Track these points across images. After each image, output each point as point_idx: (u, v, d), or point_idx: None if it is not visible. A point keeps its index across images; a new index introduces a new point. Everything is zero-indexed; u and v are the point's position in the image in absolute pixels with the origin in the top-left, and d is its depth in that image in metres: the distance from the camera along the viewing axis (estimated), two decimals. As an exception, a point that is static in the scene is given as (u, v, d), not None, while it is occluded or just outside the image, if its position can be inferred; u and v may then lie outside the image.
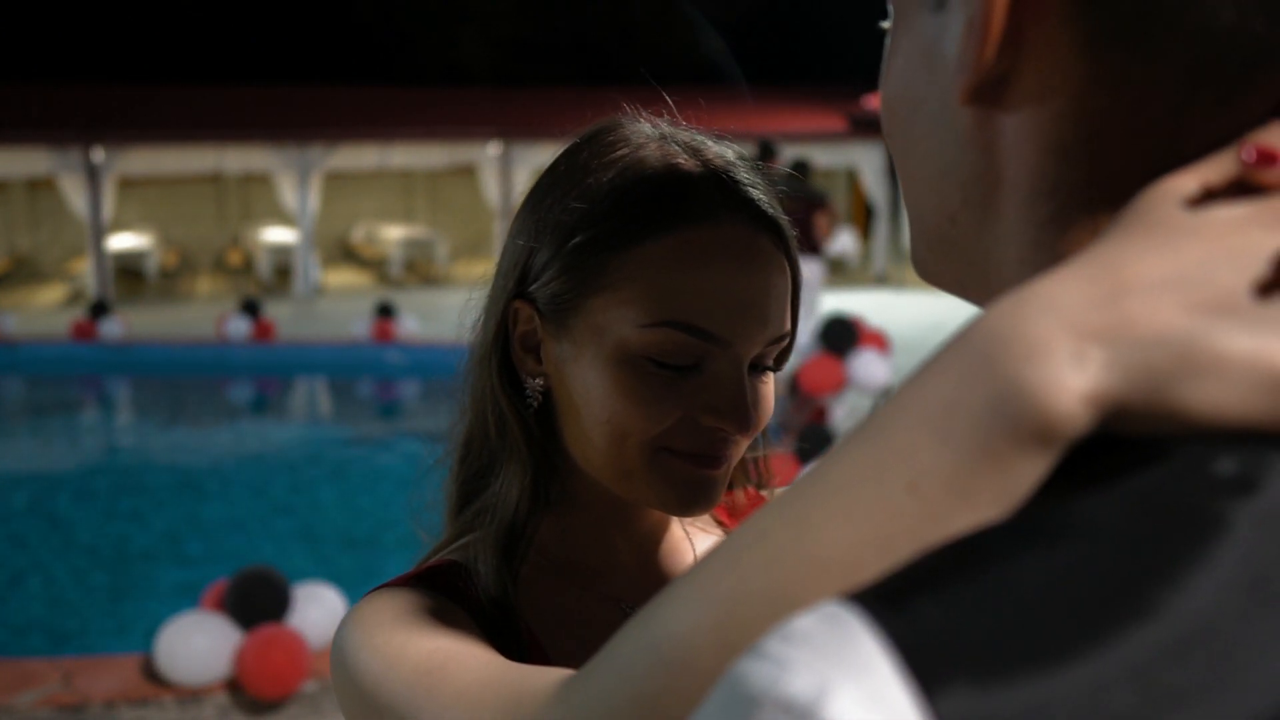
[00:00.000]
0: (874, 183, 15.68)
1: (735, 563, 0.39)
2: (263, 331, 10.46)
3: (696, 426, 0.72)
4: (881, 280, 15.57)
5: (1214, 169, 0.37)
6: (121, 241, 15.04)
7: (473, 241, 18.63)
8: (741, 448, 0.75)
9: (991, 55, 0.39)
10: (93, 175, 13.38)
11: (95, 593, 5.39)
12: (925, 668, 0.29)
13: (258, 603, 3.87)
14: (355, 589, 4.63)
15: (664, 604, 0.44)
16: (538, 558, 0.79)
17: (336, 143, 14.37)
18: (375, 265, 16.89)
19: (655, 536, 0.83)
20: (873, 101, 15.76)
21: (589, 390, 0.73)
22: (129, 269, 14.74)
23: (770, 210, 0.75)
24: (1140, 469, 0.33)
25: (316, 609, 3.99)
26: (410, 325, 10.53)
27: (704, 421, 0.72)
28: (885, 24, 0.49)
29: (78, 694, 3.70)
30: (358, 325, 10.51)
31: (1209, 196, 0.37)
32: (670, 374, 0.71)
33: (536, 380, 0.77)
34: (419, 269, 16.42)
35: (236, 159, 14.43)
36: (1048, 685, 0.29)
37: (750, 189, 0.74)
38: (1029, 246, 0.41)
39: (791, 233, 0.77)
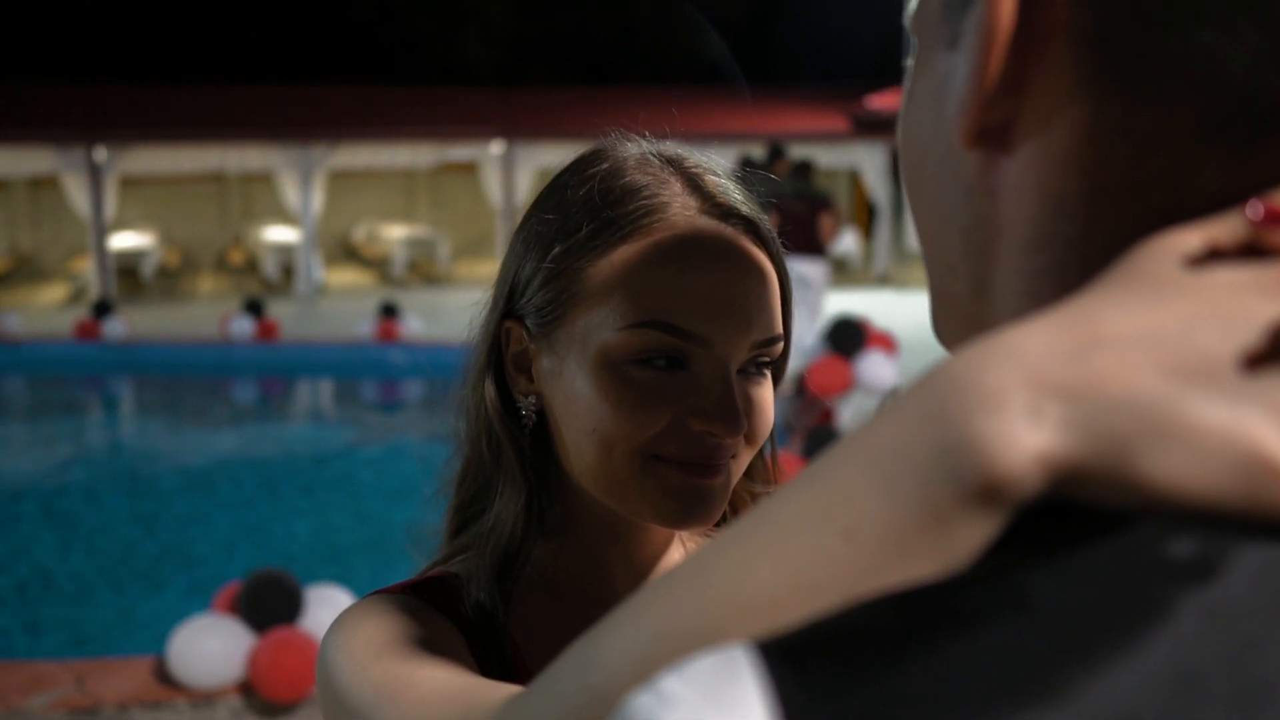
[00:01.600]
0: (876, 183, 15.67)
1: (669, 595, 0.39)
2: (266, 331, 10.46)
3: (686, 432, 0.71)
4: (884, 280, 15.58)
5: (1221, 228, 0.34)
6: (123, 240, 15.03)
7: (475, 241, 18.63)
8: (743, 458, 0.74)
9: (990, 97, 0.37)
10: (95, 174, 13.37)
11: (105, 594, 5.39)
12: None
13: (270, 605, 3.87)
14: (364, 591, 4.63)
15: (600, 632, 0.43)
16: (533, 576, 0.79)
17: (338, 142, 14.36)
18: (377, 265, 16.89)
19: (654, 562, 0.81)
20: (875, 102, 15.76)
21: (575, 401, 0.72)
22: (130, 268, 14.73)
23: (749, 212, 0.75)
24: (1089, 543, 0.30)
25: (329, 612, 3.98)
26: (414, 325, 10.53)
27: (692, 425, 0.70)
28: (908, 62, 0.47)
29: (90, 696, 3.70)
30: (362, 325, 10.51)
31: (1211, 256, 0.34)
32: (653, 377, 0.70)
33: (529, 399, 0.76)
34: (421, 268, 16.41)
35: (239, 158, 14.43)
36: None
37: (728, 192, 0.75)
38: (1021, 297, 0.39)
39: (773, 234, 0.76)
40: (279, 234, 15.82)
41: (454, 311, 13.63)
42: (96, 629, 5.00)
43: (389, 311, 10.49)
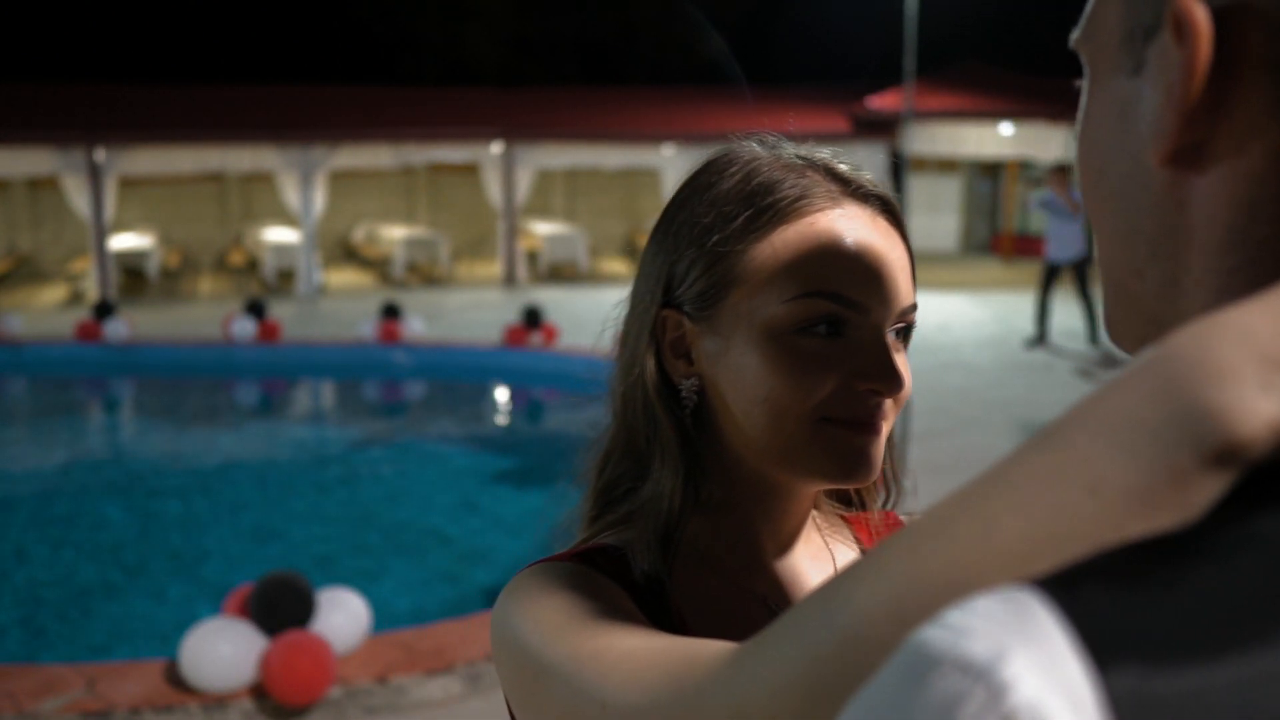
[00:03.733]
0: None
1: (914, 548, 0.43)
2: (268, 332, 10.44)
3: (850, 393, 0.77)
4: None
5: None
6: (123, 241, 15.00)
7: (475, 241, 18.61)
8: (891, 418, 0.80)
9: (1190, 123, 0.42)
10: (95, 175, 13.35)
11: (114, 597, 5.37)
12: (1098, 646, 0.31)
13: (282, 608, 3.86)
14: (373, 594, 4.62)
15: (843, 582, 0.47)
16: (688, 550, 0.82)
17: (339, 142, 14.34)
18: (377, 265, 16.87)
19: (798, 540, 0.87)
20: (875, 102, 15.76)
21: (743, 374, 0.77)
22: (131, 269, 14.70)
23: (882, 192, 0.82)
24: None
25: (341, 614, 3.98)
26: (416, 326, 10.52)
27: (857, 386, 0.77)
28: (1078, 82, 0.53)
29: (102, 700, 3.69)
30: (364, 326, 10.50)
31: None
32: (818, 344, 0.76)
33: (690, 382, 0.81)
34: (421, 269, 16.40)
35: (239, 158, 14.41)
36: (1210, 675, 0.31)
37: (860, 176, 0.82)
38: (1216, 294, 0.43)
39: (902, 213, 0.84)
40: (279, 235, 15.80)
41: (454, 312, 13.65)
42: (106, 632, 4.98)
43: (391, 312, 10.48)
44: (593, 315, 11.34)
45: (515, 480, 7.27)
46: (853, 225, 0.78)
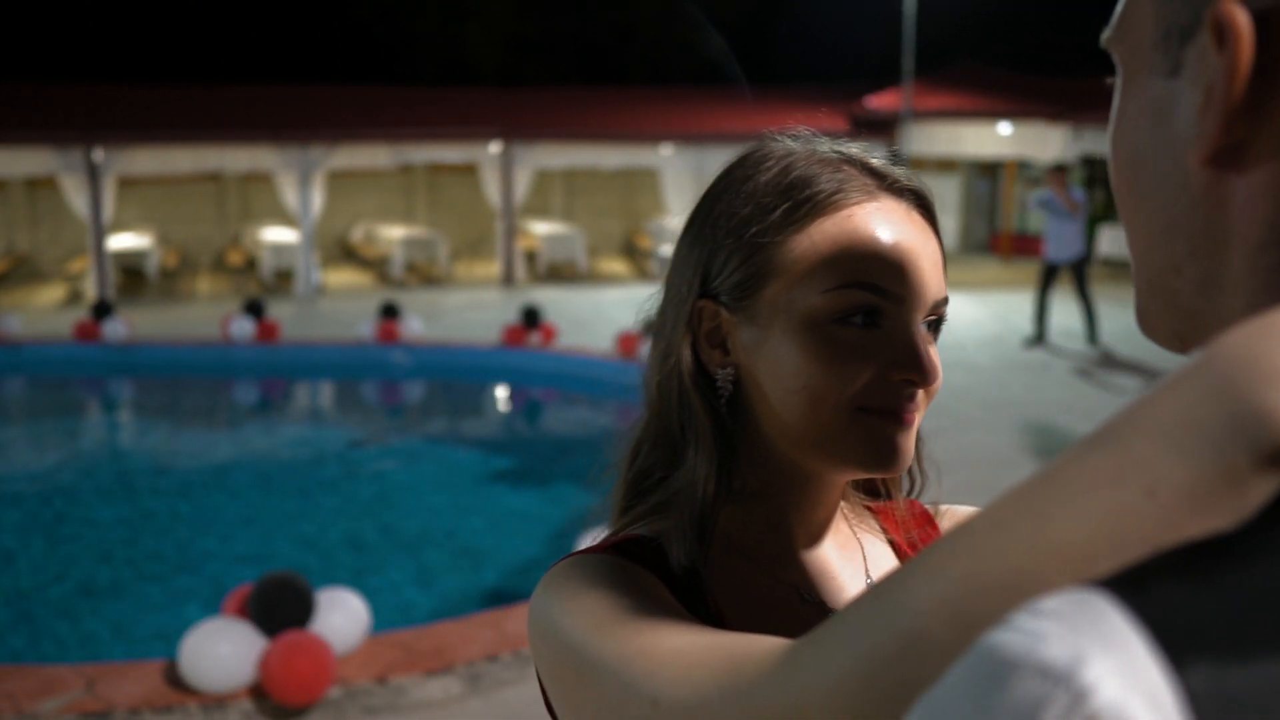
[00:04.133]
0: (875, 183, 15.68)
1: (971, 548, 0.44)
2: (267, 332, 10.44)
3: (886, 383, 0.78)
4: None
5: None
6: (122, 241, 14.99)
7: (473, 241, 18.61)
8: (922, 410, 0.81)
9: (1231, 125, 0.43)
10: (93, 175, 13.34)
11: (113, 597, 5.37)
12: (1173, 646, 0.32)
13: (282, 609, 3.86)
14: (373, 594, 4.62)
15: (898, 581, 0.48)
16: (720, 540, 0.83)
17: (337, 142, 14.34)
18: (376, 265, 16.86)
19: (828, 530, 0.89)
20: (874, 101, 15.77)
21: (781, 363, 0.79)
22: (129, 269, 14.69)
23: (916, 186, 0.84)
24: None
25: (340, 615, 3.98)
26: (415, 326, 10.52)
27: (892, 377, 0.78)
28: (1110, 80, 0.54)
29: (102, 701, 3.69)
30: (363, 326, 10.49)
31: None
32: (856, 334, 0.77)
33: (726, 371, 0.82)
34: (420, 269, 16.39)
35: (237, 158, 14.40)
36: None
37: (894, 171, 0.84)
38: (1258, 292, 0.44)
39: (934, 207, 0.85)
40: (277, 234, 15.79)
41: (453, 312, 13.65)
42: (105, 633, 4.98)
43: (390, 312, 10.48)
44: (591, 315, 11.39)
45: (514, 480, 7.27)
46: (889, 219, 0.80)
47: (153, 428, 8.99)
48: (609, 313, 12.76)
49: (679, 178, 15.83)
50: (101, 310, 10.63)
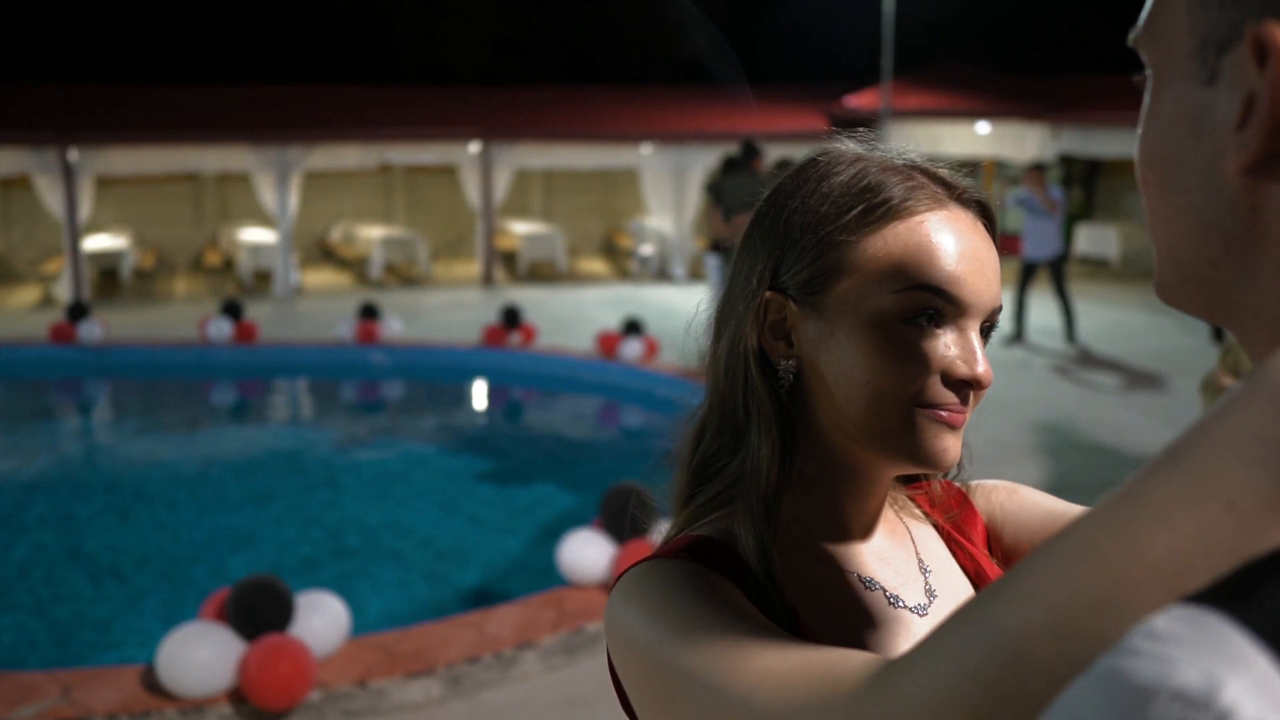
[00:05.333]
0: (855, 182, 15.72)
1: (1063, 570, 0.46)
2: (245, 333, 10.36)
3: (945, 383, 0.82)
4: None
5: None
6: (97, 242, 14.85)
7: (453, 241, 18.54)
8: (971, 409, 0.85)
9: (1272, 138, 0.46)
10: (68, 175, 13.22)
11: (90, 602, 5.32)
12: None
13: (261, 612, 3.83)
14: (352, 598, 4.59)
15: (991, 602, 0.50)
16: (784, 536, 0.86)
17: (315, 142, 14.26)
18: (354, 265, 16.77)
19: (880, 517, 0.92)
20: (853, 101, 15.81)
21: (846, 358, 0.82)
22: (105, 270, 14.55)
23: (981, 197, 0.88)
24: None
25: (320, 618, 3.96)
26: (394, 326, 10.47)
27: (952, 377, 0.82)
28: (1139, 78, 0.57)
29: (78, 707, 3.65)
30: (342, 326, 10.44)
31: None
32: (920, 334, 0.81)
33: (789, 362, 0.86)
34: (399, 269, 16.32)
35: (214, 158, 14.29)
36: None
37: (961, 182, 0.87)
38: None
39: (996, 218, 0.89)
40: (255, 235, 15.68)
41: (433, 312, 13.59)
42: (82, 638, 4.93)
43: (369, 312, 10.43)
44: (572, 315, 11.35)
45: (495, 480, 7.24)
46: (958, 227, 0.84)
47: (130, 430, 8.91)
48: (589, 312, 12.74)
49: (659, 177, 15.82)
50: (77, 312, 10.54)
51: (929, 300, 0.81)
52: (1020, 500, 0.99)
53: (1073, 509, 0.95)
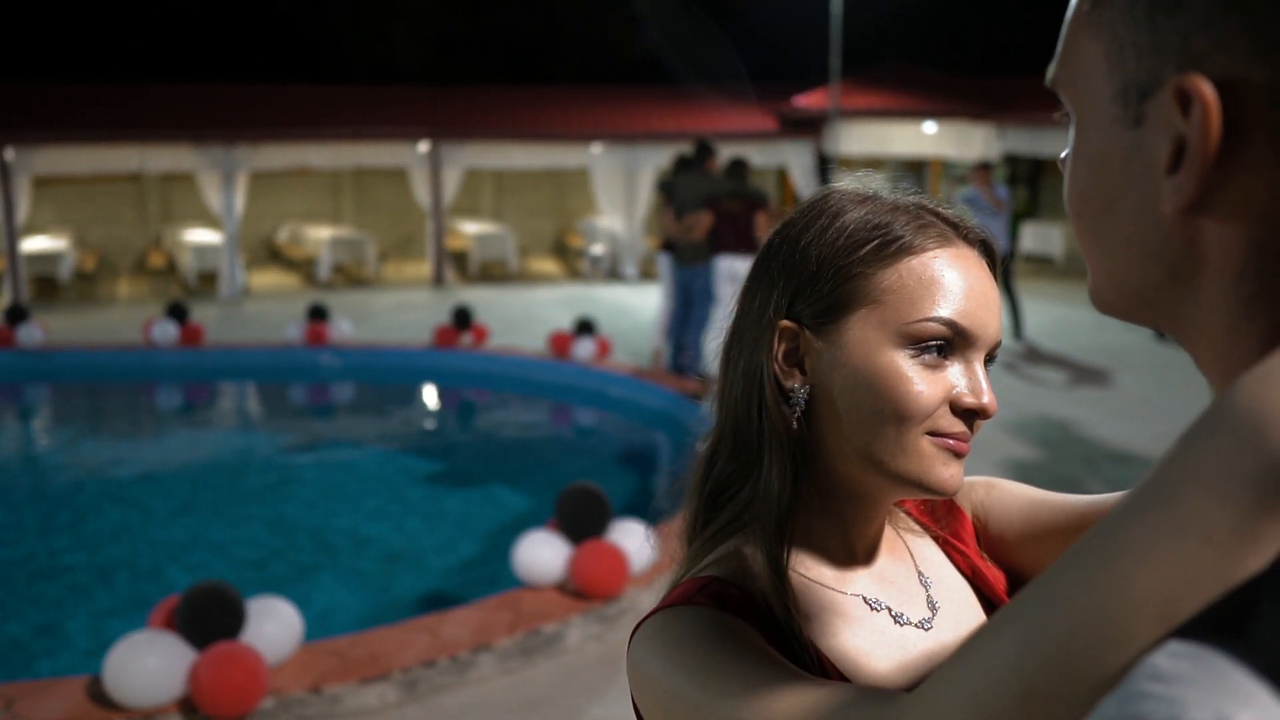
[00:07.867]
0: (802, 180, 15.86)
1: (1063, 610, 0.50)
2: (191, 336, 10.20)
3: (954, 411, 0.86)
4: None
5: None
6: (36, 244, 14.52)
7: (402, 241, 18.39)
8: (973, 436, 0.89)
9: (1203, 181, 0.48)
10: (5, 175, 12.91)
11: (33, 612, 5.19)
12: None
13: (211, 619, 3.77)
14: (303, 604, 4.53)
15: (994, 641, 0.54)
16: (794, 567, 0.89)
17: (261, 142, 14.06)
18: (302, 266, 16.57)
19: (878, 539, 0.96)
20: (802, 101, 15.92)
21: (860, 384, 0.86)
22: (45, 273, 14.24)
23: (983, 236, 0.93)
24: None
25: (271, 624, 3.90)
26: (344, 328, 10.36)
27: (960, 405, 0.86)
28: (1059, 115, 0.60)
29: (22, 720, 3.57)
30: (290, 328, 10.30)
31: None
32: (931, 364, 0.85)
33: (802, 389, 0.89)
34: (348, 270, 16.15)
35: (157, 158, 14.03)
36: None
37: (965, 222, 0.92)
38: (1238, 318, 0.50)
39: (999, 256, 0.94)
40: (200, 236, 15.43)
41: (383, 313, 13.47)
42: (24, 649, 4.81)
43: (318, 314, 10.30)
44: (523, 315, 11.31)
45: (448, 482, 7.19)
46: (965, 265, 0.88)
47: (72, 435, 8.72)
48: (541, 312, 12.70)
49: (609, 176, 15.81)
50: (15, 315, 10.30)
51: (939, 332, 0.85)
52: (1000, 494, 1.02)
53: (1051, 496, 0.99)
